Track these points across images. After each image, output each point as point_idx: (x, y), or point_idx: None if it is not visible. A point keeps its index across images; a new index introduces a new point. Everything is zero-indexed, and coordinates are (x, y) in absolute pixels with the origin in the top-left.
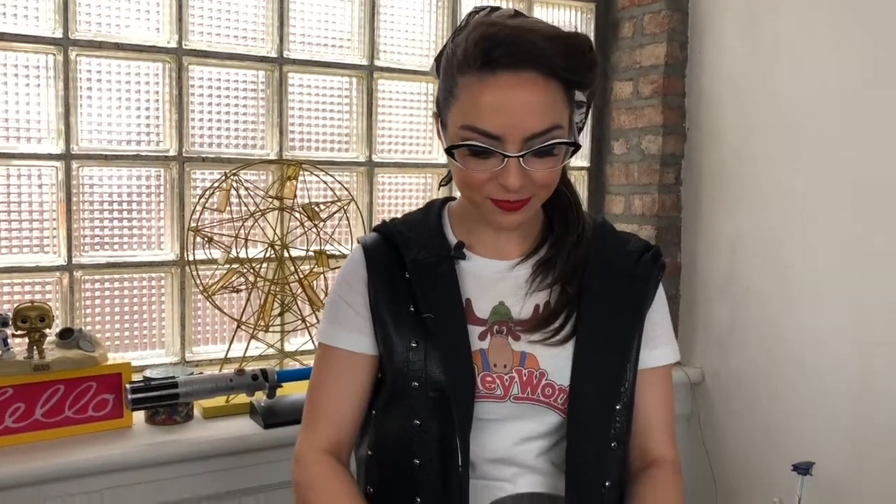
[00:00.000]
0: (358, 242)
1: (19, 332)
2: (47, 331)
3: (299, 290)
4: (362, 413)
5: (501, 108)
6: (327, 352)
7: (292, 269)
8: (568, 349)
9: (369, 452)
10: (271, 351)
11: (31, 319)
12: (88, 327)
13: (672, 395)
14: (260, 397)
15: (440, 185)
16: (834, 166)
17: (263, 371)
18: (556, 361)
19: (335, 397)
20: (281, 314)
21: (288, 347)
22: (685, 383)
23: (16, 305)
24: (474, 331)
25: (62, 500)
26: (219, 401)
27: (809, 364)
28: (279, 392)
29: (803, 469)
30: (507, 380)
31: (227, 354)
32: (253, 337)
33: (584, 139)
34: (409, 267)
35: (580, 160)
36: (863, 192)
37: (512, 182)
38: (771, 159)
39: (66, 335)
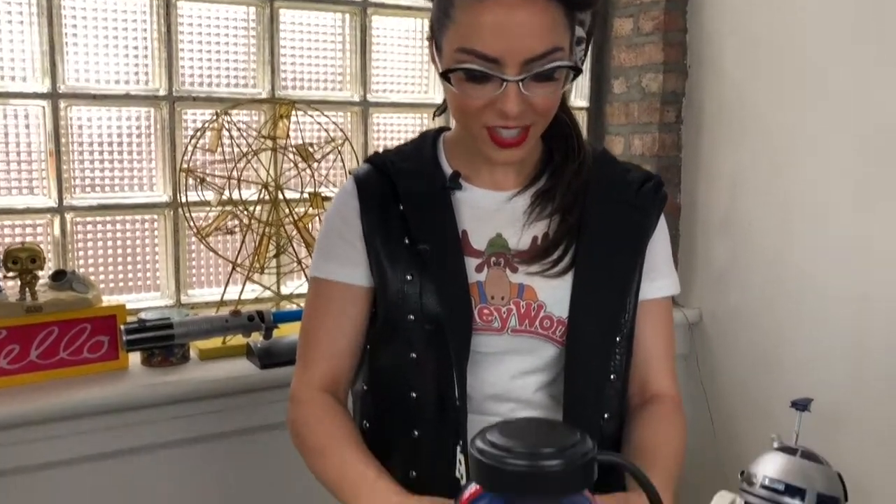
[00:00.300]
0: (349, 174)
1: (10, 274)
2: (39, 272)
3: (294, 232)
4: (359, 348)
5: (500, 30)
6: (320, 286)
7: (287, 211)
8: (567, 280)
9: (364, 387)
10: (267, 294)
11: (22, 261)
12: (82, 270)
13: (672, 328)
14: (256, 338)
15: (435, 115)
16: (838, 102)
17: (259, 312)
18: (555, 293)
19: (330, 333)
20: (276, 256)
21: (284, 290)
22: (683, 324)
23: (5, 247)
24: (471, 263)
25: (59, 440)
26: (215, 342)
27: (809, 301)
28: (276, 333)
29: (802, 405)
30: (504, 312)
31: (222, 297)
32: (248, 279)
33: (584, 78)
34: (403, 198)
35: (579, 100)
36: (867, 127)
37: (511, 108)
38: (773, 96)
39: (59, 277)
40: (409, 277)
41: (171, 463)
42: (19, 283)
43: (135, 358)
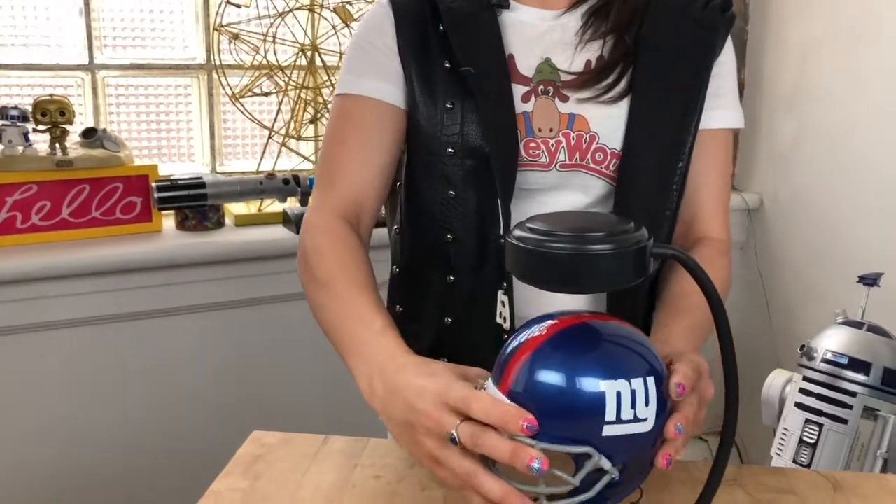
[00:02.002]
0: None
1: (40, 128)
2: (68, 127)
3: (332, 98)
4: (388, 175)
5: None
6: (347, 103)
7: (325, 77)
8: (622, 108)
9: (396, 229)
10: (305, 165)
11: (51, 113)
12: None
13: (729, 167)
14: (293, 204)
15: None
16: None
17: (295, 176)
18: (609, 122)
19: (356, 152)
20: (313, 121)
21: None
22: (742, 209)
23: (34, 99)
24: (517, 91)
25: (89, 297)
26: (251, 209)
27: (879, 178)
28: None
29: (870, 280)
30: (552, 145)
31: (259, 165)
32: (284, 145)
33: None
34: (445, 17)
35: None
36: None
37: None
38: None
39: (90, 134)
40: (449, 105)
41: (202, 326)
42: (49, 137)
43: (169, 222)
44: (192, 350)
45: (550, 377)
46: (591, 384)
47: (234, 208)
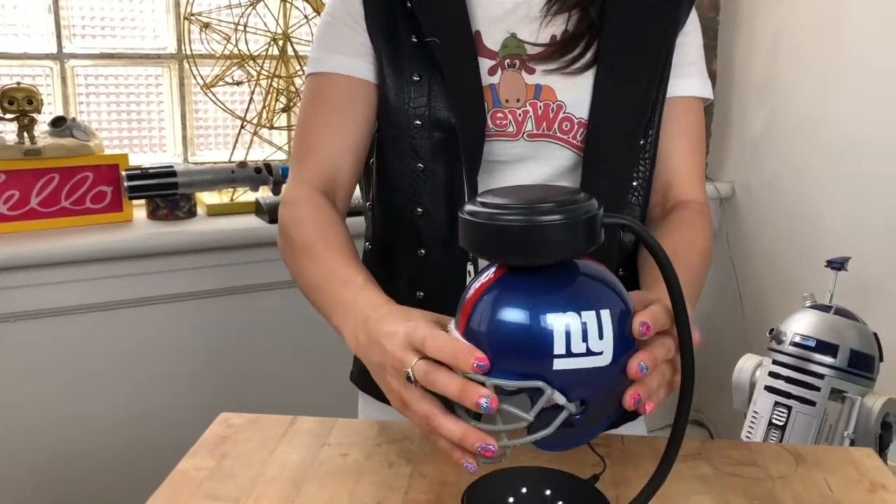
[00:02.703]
0: None
1: (8, 116)
2: (37, 115)
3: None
4: (362, 149)
5: None
6: (320, 81)
7: (297, 66)
8: (588, 78)
9: (368, 205)
10: (278, 155)
11: (19, 101)
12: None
13: (701, 132)
14: (265, 194)
15: None
16: None
17: (267, 164)
18: (576, 92)
19: (329, 127)
20: (285, 110)
21: None
22: (714, 197)
23: (1, 87)
24: (484, 64)
25: (60, 286)
26: (223, 199)
27: (849, 166)
28: None
29: (838, 264)
30: (520, 115)
31: (231, 155)
32: (255, 134)
33: None
34: None
35: None
36: None
37: None
38: None
39: (59, 123)
40: (416, 78)
41: (173, 315)
42: (17, 126)
43: (140, 212)
44: (163, 339)
45: (500, 313)
46: (537, 317)
47: (206, 198)
